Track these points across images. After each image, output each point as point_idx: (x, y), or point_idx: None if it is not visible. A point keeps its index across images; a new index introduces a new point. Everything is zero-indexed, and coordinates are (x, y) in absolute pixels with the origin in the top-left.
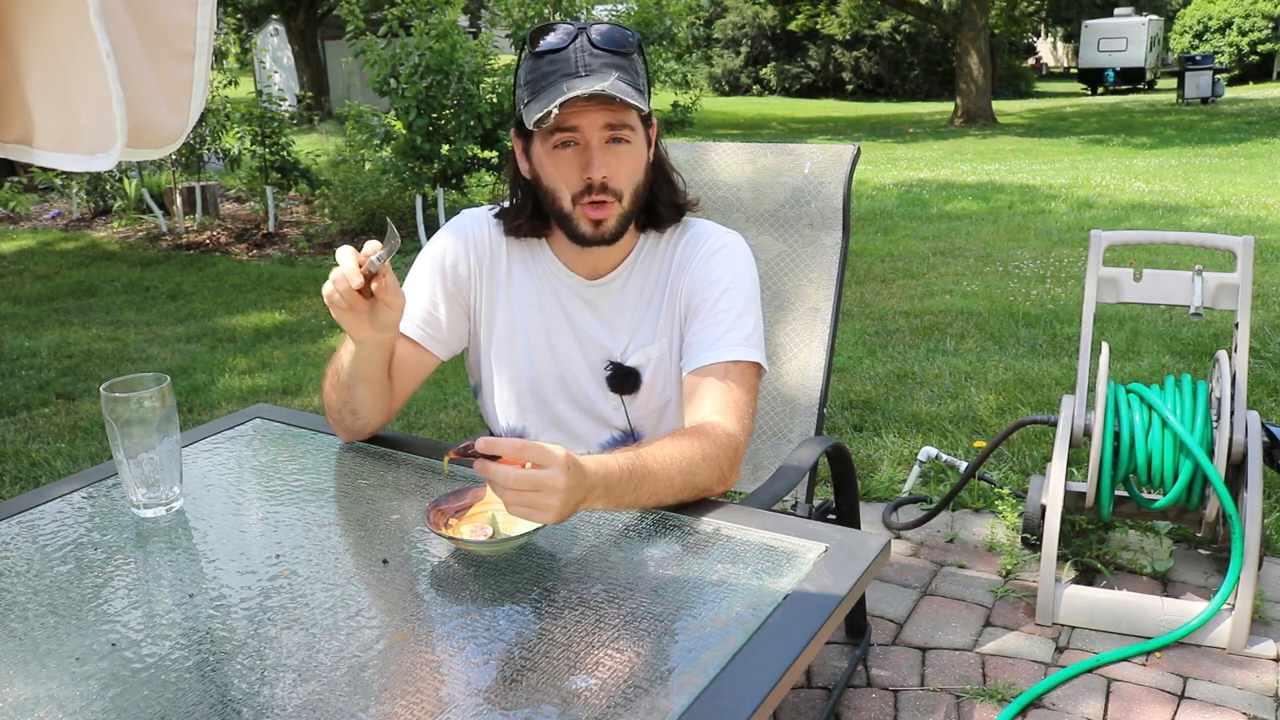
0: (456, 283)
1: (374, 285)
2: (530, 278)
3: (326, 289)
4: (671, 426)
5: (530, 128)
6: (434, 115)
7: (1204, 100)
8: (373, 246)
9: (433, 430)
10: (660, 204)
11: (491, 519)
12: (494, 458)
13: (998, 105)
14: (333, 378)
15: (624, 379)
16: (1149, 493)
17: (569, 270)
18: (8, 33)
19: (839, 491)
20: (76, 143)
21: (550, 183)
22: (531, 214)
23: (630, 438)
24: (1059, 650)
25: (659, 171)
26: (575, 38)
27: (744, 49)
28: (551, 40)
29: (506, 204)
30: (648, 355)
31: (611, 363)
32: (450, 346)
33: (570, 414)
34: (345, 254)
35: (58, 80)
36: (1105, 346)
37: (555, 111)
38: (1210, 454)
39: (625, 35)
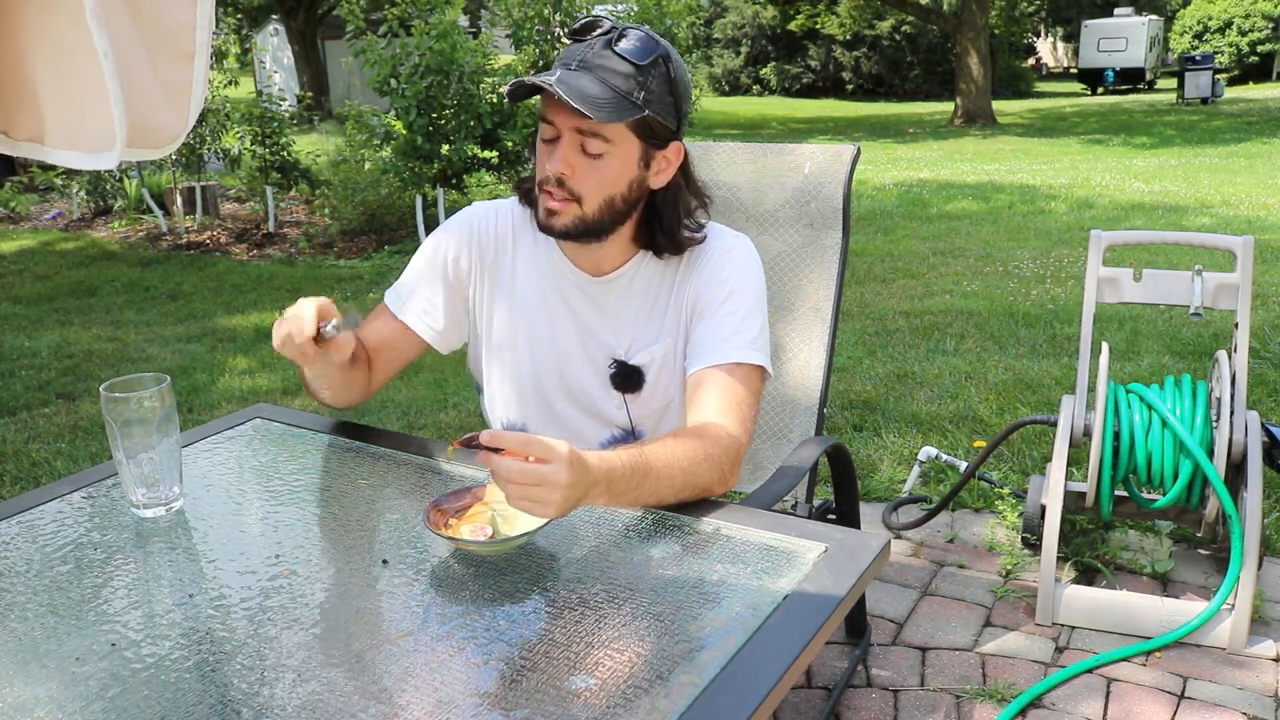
0: (456, 275)
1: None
2: (535, 272)
3: (279, 331)
4: (673, 427)
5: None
6: (434, 115)
7: (1204, 100)
8: (326, 308)
9: (433, 430)
10: (660, 231)
11: (491, 519)
12: (498, 450)
13: (998, 105)
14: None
15: (628, 377)
16: (1149, 493)
17: (573, 265)
18: (15, 32)
19: (839, 491)
20: (83, 141)
21: (534, 167)
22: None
23: (631, 437)
24: (1059, 650)
25: (669, 200)
26: (604, 34)
27: (744, 49)
28: (584, 33)
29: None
30: (652, 355)
31: (616, 360)
32: (447, 338)
33: (571, 412)
34: (307, 305)
35: (63, 79)
36: (1105, 346)
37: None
38: (1210, 454)
39: (652, 46)
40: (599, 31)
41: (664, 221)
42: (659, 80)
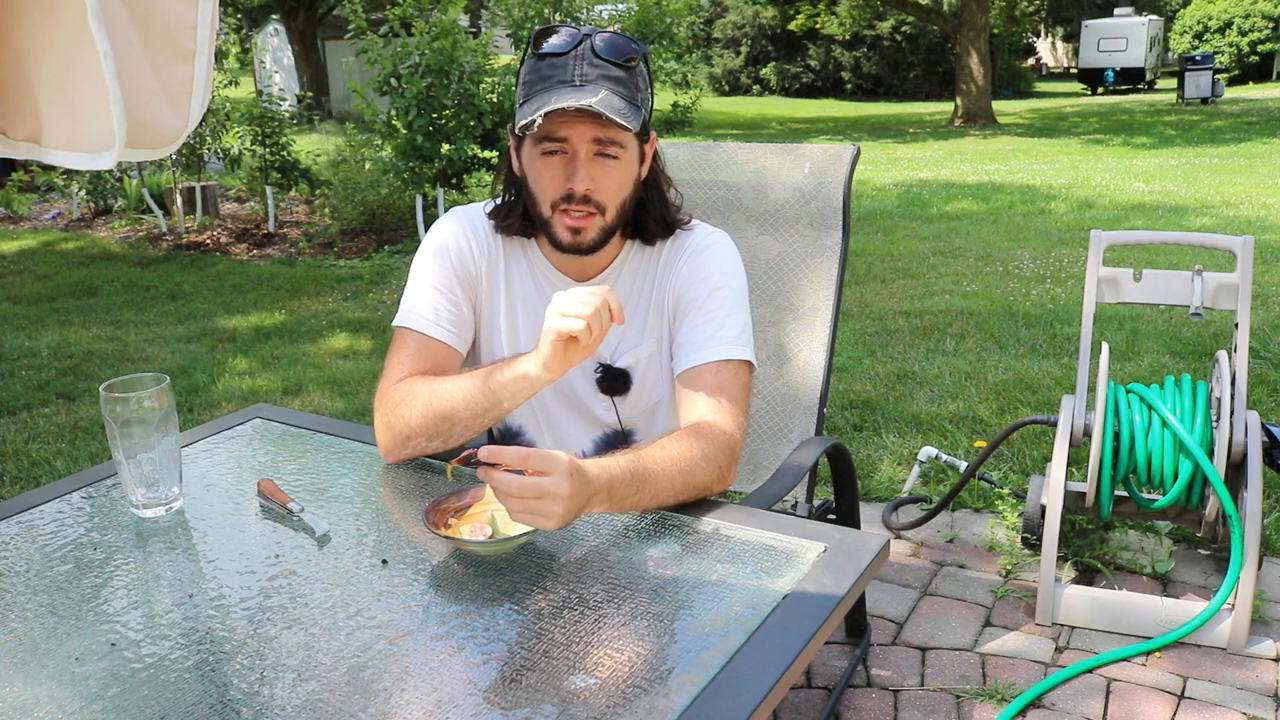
0: (465, 274)
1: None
2: (523, 278)
3: (585, 311)
4: (664, 425)
5: (517, 132)
6: (434, 115)
7: (1204, 100)
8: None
9: None
10: (650, 218)
11: (491, 519)
12: (496, 466)
13: (998, 105)
14: (447, 415)
15: (614, 380)
16: (1149, 493)
17: (558, 272)
18: (13, 31)
19: (839, 491)
20: (82, 141)
21: (534, 187)
22: (523, 213)
23: (621, 436)
24: (1059, 650)
25: (653, 186)
26: (578, 44)
27: (744, 49)
28: (554, 43)
29: (499, 200)
30: (637, 356)
31: (601, 364)
32: (465, 340)
33: (562, 413)
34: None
35: (62, 78)
36: (1105, 346)
37: (539, 120)
38: (1210, 454)
39: (629, 46)
40: (572, 41)
41: (653, 207)
42: (643, 77)
